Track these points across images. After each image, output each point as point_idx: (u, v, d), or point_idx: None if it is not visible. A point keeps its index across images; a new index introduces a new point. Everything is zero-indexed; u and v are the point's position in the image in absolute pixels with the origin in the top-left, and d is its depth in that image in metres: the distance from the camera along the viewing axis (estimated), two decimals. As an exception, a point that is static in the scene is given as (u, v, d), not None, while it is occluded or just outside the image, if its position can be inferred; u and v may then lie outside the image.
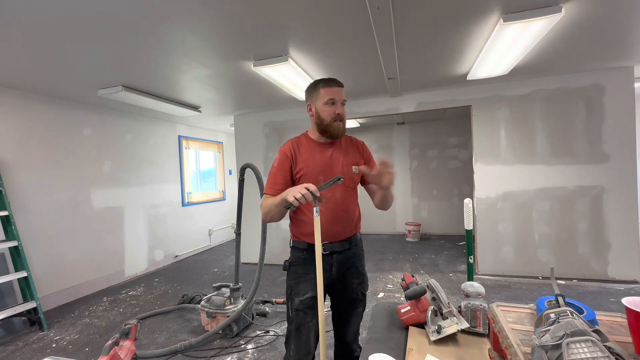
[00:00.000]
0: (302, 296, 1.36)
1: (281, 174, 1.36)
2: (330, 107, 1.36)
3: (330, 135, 1.39)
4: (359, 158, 1.51)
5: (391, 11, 1.92)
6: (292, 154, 1.38)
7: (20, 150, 3.14)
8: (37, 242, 3.22)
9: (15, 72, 2.67)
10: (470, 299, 1.22)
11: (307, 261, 1.37)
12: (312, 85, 1.42)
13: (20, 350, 2.52)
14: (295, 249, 1.42)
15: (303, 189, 1.15)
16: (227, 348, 2.39)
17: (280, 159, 1.38)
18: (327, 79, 1.39)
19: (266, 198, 1.33)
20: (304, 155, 1.39)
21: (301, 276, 1.38)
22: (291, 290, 1.39)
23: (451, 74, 3.25)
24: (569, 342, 0.63)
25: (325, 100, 1.36)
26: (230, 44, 2.32)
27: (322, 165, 1.39)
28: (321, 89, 1.37)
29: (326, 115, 1.36)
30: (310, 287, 1.37)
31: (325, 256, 1.36)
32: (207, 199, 5.96)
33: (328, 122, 1.37)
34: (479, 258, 3.81)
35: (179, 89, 3.37)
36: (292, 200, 1.14)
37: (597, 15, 2.14)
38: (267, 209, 1.30)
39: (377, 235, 6.31)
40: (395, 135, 6.34)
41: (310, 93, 1.42)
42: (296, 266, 1.40)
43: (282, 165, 1.37)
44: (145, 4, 1.76)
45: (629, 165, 3.32)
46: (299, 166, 1.37)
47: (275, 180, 1.35)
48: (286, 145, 1.41)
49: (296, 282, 1.39)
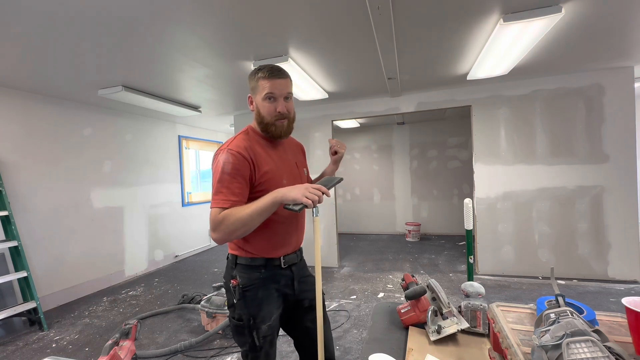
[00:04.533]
0: (270, 320, 1.16)
1: (238, 183, 1.07)
2: (270, 103, 1.14)
3: (272, 136, 1.19)
4: (303, 159, 1.39)
5: (391, 11, 1.92)
6: (250, 156, 1.10)
7: (21, 150, 3.14)
8: (37, 242, 3.22)
9: (15, 72, 2.67)
10: (470, 299, 1.22)
11: (267, 280, 1.17)
12: (252, 74, 1.17)
13: (20, 350, 2.52)
14: (249, 269, 1.16)
15: (314, 189, 1.02)
16: (227, 348, 2.39)
17: (235, 163, 1.06)
18: (269, 68, 1.14)
19: (230, 212, 1.03)
20: (263, 156, 1.15)
21: (263, 299, 1.16)
22: (253, 318, 1.13)
23: (451, 74, 3.25)
24: (569, 342, 0.63)
25: (264, 95, 1.13)
26: (230, 44, 2.32)
27: (281, 166, 1.21)
28: (260, 80, 1.13)
29: (266, 113, 1.15)
30: (275, 307, 1.19)
31: (284, 271, 1.21)
32: (207, 199, 5.96)
33: (268, 120, 1.16)
34: (479, 258, 3.81)
35: (179, 89, 3.37)
36: (306, 202, 0.99)
37: (597, 15, 2.14)
38: (242, 221, 1.02)
39: (377, 235, 6.31)
40: (395, 135, 6.34)
41: (250, 82, 1.19)
42: (253, 290, 1.15)
43: (239, 171, 1.07)
44: (145, 4, 1.76)
45: (629, 165, 3.32)
46: (262, 169, 1.13)
47: (230, 189, 1.05)
48: (237, 145, 1.11)
49: (258, 307, 1.14)
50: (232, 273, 1.17)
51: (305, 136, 4.47)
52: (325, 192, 1.04)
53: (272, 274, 1.18)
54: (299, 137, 4.88)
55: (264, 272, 1.17)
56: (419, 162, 6.19)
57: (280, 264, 1.19)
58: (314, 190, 1.02)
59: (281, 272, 1.20)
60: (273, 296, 1.18)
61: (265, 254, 1.17)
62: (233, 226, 1.02)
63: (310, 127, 4.47)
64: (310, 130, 4.47)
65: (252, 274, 1.16)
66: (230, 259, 1.20)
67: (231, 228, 1.02)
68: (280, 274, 1.20)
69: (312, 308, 1.28)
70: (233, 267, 1.18)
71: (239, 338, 1.18)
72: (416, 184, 6.22)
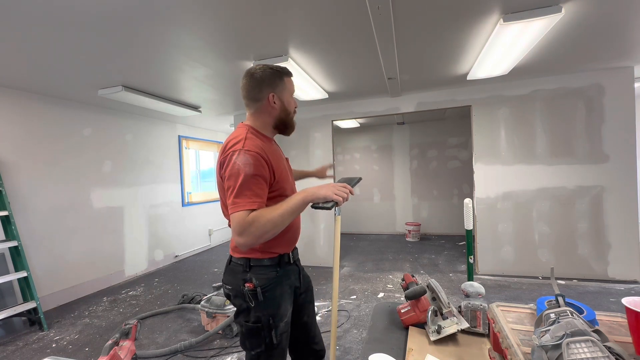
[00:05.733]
0: (287, 317, 1.18)
1: (260, 184, 1.05)
2: (292, 100, 1.27)
3: (291, 130, 1.28)
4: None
5: (391, 11, 1.92)
6: (267, 156, 1.10)
7: (20, 150, 3.14)
8: (37, 242, 3.22)
9: (15, 72, 2.67)
10: (470, 299, 1.23)
11: (282, 278, 1.18)
12: (275, 74, 1.21)
13: (20, 350, 2.52)
14: (266, 269, 1.15)
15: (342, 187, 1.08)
16: (227, 348, 2.39)
17: (255, 164, 1.04)
18: (287, 69, 1.25)
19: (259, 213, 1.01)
20: (274, 155, 1.16)
21: (281, 297, 1.16)
22: (272, 318, 1.12)
23: (451, 74, 3.25)
24: (569, 342, 0.63)
25: (292, 92, 1.25)
26: (230, 44, 2.32)
27: (284, 165, 1.25)
28: (286, 78, 1.23)
29: (292, 109, 1.26)
30: (289, 303, 1.21)
31: (292, 266, 1.25)
32: (207, 199, 5.96)
33: (292, 115, 1.27)
34: (479, 258, 3.81)
35: (179, 89, 3.37)
36: (337, 199, 1.05)
37: (597, 16, 2.14)
38: (273, 222, 1.01)
39: (377, 235, 6.31)
40: (395, 135, 6.34)
41: (274, 82, 1.20)
42: (271, 289, 1.14)
43: (260, 172, 1.05)
44: (145, 4, 1.76)
45: (629, 165, 3.32)
46: (278, 169, 1.14)
47: (254, 191, 1.03)
48: (254, 145, 1.09)
49: (277, 306, 1.14)
50: (245, 277, 1.14)
51: (305, 136, 4.47)
52: (351, 191, 1.09)
53: (285, 271, 1.20)
54: (299, 138, 4.88)
55: (279, 270, 1.18)
56: (419, 162, 6.19)
57: (289, 260, 1.23)
58: (342, 187, 1.07)
59: (291, 268, 1.25)
60: (287, 292, 1.20)
61: (280, 251, 1.19)
62: (264, 228, 1.00)
63: (310, 127, 4.47)
64: (310, 130, 4.47)
65: (269, 273, 1.15)
66: (242, 263, 1.16)
67: (262, 230, 1.00)
68: (290, 270, 1.25)
69: (309, 302, 1.36)
70: (247, 270, 1.14)
71: (253, 340, 1.14)
72: (416, 184, 6.22)
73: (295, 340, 1.36)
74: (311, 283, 1.41)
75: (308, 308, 1.35)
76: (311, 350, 1.36)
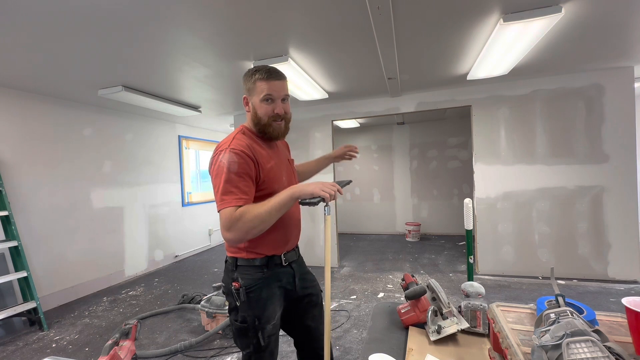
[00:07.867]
0: (275, 319, 1.17)
1: (246, 182, 1.06)
2: (268, 104, 1.15)
3: (269, 137, 1.20)
4: (289, 155, 1.41)
5: (391, 11, 1.92)
6: (253, 155, 1.10)
7: (20, 150, 3.14)
8: (37, 242, 3.22)
9: (15, 72, 2.67)
10: (470, 299, 1.23)
11: (269, 279, 1.16)
12: (248, 75, 1.17)
13: (20, 350, 2.52)
14: (251, 269, 1.15)
15: (330, 185, 1.06)
16: (227, 348, 2.39)
17: (240, 162, 1.05)
18: (266, 69, 1.15)
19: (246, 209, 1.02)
20: (263, 154, 1.15)
21: (267, 299, 1.15)
22: (258, 319, 1.12)
23: (451, 74, 3.25)
24: (569, 342, 0.63)
25: (262, 97, 1.14)
26: (230, 44, 2.32)
27: (279, 163, 1.23)
28: (257, 81, 1.14)
29: (263, 114, 1.15)
30: (278, 305, 1.19)
31: (285, 268, 1.22)
32: (207, 199, 5.96)
33: (265, 121, 1.16)
34: (479, 258, 3.81)
35: (178, 89, 3.37)
36: (324, 195, 1.02)
37: (597, 15, 2.14)
38: (260, 218, 1.01)
39: (377, 235, 6.31)
40: (395, 135, 6.34)
41: (246, 83, 1.18)
42: (257, 290, 1.13)
43: (245, 170, 1.06)
44: (145, 4, 1.76)
45: (629, 165, 3.32)
46: (265, 167, 1.13)
47: (240, 188, 1.04)
48: (240, 144, 1.09)
49: (263, 308, 1.14)
50: (232, 276, 1.16)
51: (305, 136, 4.47)
52: (339, 190, 1.08)
53: (274, 273, 1.18)
54: (299, 138, 4.88)
55: (266, 271, 1.16)
56: (419, 162, 6.19)
57: (281, 262, 1.20)
58: (330, 185, 1.06)
59: (283, 270, 1.21)
60: (276, 295, 1.18)
61: (267, 253, 1.17)
62: (251, 223, 1.01)
63: (310, 127, 4.47)
64: (310, 131, 4.47)
65: (255, 274, 1.15)
66: (230, 262, 1.19)
67: (249, 225, 1.01)
68: (282, 272, 1.21)
69: (312, 305, 1.31)
70: (234, 269, 1.16)
71: (243, 340, 1.16)
72: (416, 184, 6.22)
73: (300, 344, 1.36)
74: (318, 286, 1.38)
75: (312, 312, 1.32)
76: (316, 355, 1.33)
